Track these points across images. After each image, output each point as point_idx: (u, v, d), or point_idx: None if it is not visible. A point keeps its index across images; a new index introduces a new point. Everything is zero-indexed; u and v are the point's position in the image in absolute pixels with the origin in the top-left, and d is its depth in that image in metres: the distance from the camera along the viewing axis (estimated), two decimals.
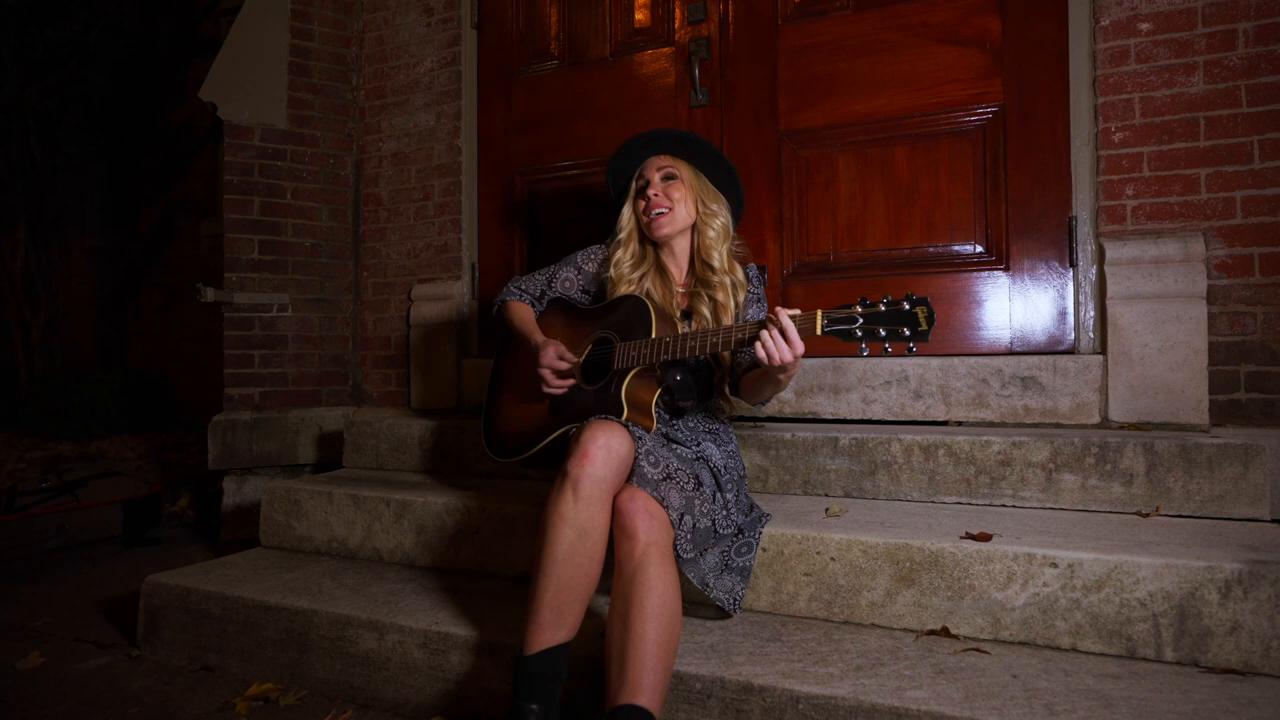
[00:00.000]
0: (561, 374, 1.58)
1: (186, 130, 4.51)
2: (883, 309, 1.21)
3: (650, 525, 1.25)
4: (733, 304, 1.62)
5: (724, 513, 1.45)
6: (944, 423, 2.03)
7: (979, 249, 2.11)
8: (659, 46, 2.51)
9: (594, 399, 1.54)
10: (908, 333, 1.19)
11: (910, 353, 1.21)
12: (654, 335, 1.50)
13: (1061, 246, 2.02)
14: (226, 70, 2.74)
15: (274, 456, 2.73)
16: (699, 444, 1.54)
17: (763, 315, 1.67)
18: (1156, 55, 1.90)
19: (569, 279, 1.78)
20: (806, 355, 1.45)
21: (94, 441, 3.86)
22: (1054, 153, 2.02)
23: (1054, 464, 1.64)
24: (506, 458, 1.70)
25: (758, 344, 1.29)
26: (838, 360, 2.10)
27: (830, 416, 2.11)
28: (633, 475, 1.31)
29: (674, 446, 1.48)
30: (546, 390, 1.59)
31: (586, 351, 1.62)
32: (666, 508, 1.30)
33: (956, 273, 2.12)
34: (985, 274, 2.09)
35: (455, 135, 2.76)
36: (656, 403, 1.55)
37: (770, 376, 1.42)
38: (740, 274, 1.65)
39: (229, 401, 2.72)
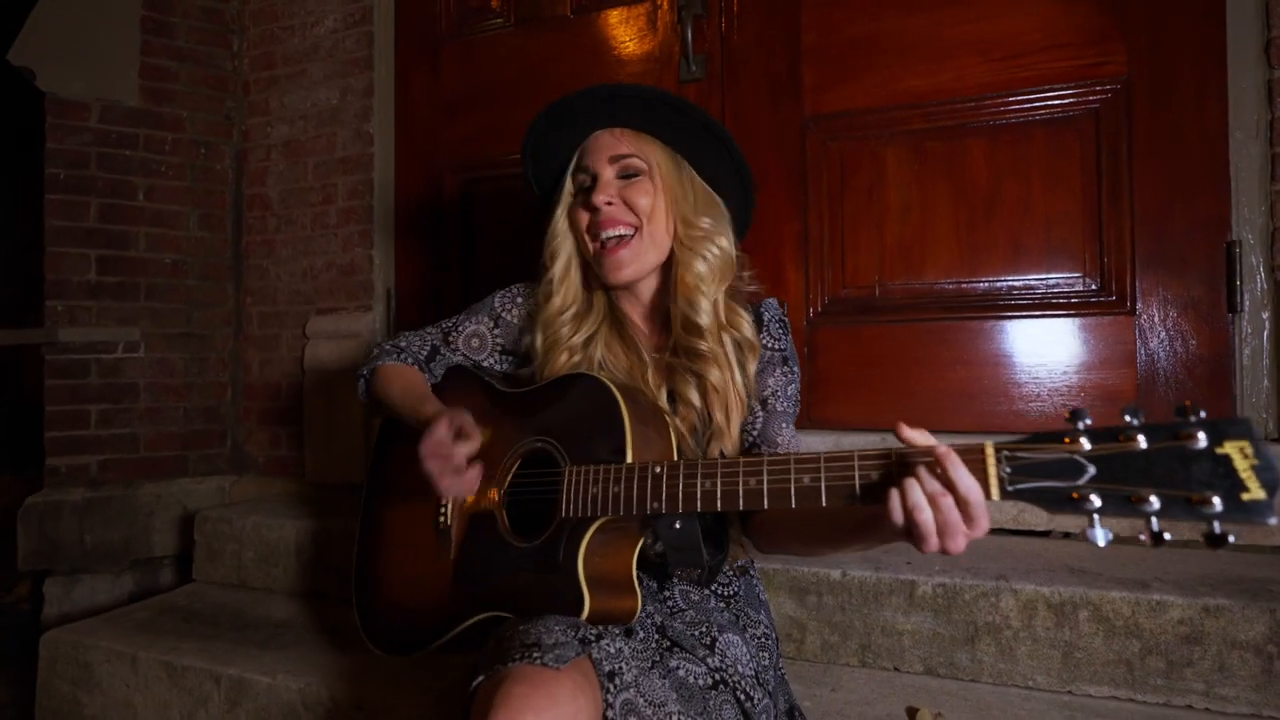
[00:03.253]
0: (465, 470, 0.87)
1: None
2: (1142, 445, 0.55)
3: None
4: (737, 381, 0.97)
5: None
6: (1045, 534, 1.43)
7: (1091, 284, 1.49)
8: (638, 1, 1.85)
9: (528, 570, 0.88)
10: (1217, 505, 0.54)
11: (1217, 543, 0.56)
12: (630, 457, 0.84)
13: (1215, 283, 1.41)
14: (50, 22, 2.01)
15: (118, 549, 2.01)
16: (712, 636, 0.89)
17: (792, 385, 1.02)
18: None
19: (479, 335, 1.11)
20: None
21: None
22: (1203, 149, 1.42)
23: (1276, 646, 1.03)
24: (391, 652, 1.03)
25: (891, 500, 0.65)
26: (887, 436, 1.47)
27: None
28: None
29: (672, 659, 0.83)
30: (441, 488, 0.88)
31: (510, 473, 0.96)
32: None
33: (1056, 316, 1.50)
34: (1099, 319, 1.47)
35: (365, 118, 2.07)
36: (638, 564, 0.89)
37: (871, 536, 0.77)
38: (748, 328, 1.00)
39: (52, 475, 1.99)
